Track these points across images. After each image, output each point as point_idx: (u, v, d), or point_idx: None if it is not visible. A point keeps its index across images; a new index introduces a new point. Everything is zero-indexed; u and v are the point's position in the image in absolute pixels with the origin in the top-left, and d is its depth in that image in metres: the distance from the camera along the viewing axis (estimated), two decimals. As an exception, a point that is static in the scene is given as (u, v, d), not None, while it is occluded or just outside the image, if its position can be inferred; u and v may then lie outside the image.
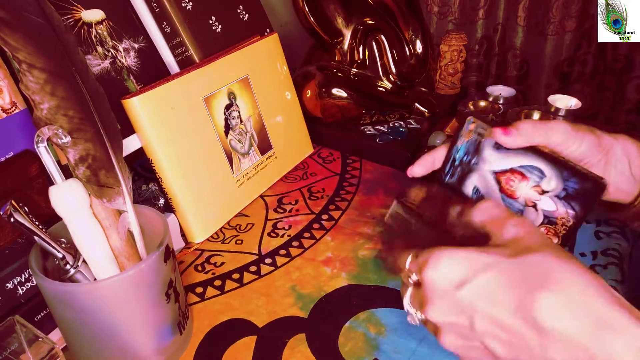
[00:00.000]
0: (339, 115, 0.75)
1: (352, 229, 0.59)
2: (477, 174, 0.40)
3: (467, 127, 0.40)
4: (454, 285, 0.30)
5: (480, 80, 1.06)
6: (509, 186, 0.39)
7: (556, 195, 0.38)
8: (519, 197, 0.39)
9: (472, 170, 0.41)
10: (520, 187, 0.39)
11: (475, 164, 0.40)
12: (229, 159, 0.61)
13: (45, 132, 0.35)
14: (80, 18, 0.50)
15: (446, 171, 0.42)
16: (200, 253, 0.56)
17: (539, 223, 0.39)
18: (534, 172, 0.38)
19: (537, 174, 0.38)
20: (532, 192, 0.39)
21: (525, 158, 0.38)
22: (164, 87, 0.53)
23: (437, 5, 1.02)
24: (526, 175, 0.38)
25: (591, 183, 0.37)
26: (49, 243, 0.36)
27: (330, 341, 0.44)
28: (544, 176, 0.38)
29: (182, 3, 0.61)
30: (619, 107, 0.91)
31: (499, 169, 0.39)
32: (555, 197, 0.38)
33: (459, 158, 0.41)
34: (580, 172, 0.37)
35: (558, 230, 0.38)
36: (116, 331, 0.37)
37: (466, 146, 0.40)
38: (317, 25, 0.74)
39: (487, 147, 0.39)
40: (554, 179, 0.38)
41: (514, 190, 0.39)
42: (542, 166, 0.38)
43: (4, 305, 0.40)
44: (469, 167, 0.41)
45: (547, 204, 0.38)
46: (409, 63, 0.76)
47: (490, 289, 0.29)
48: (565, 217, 0.38)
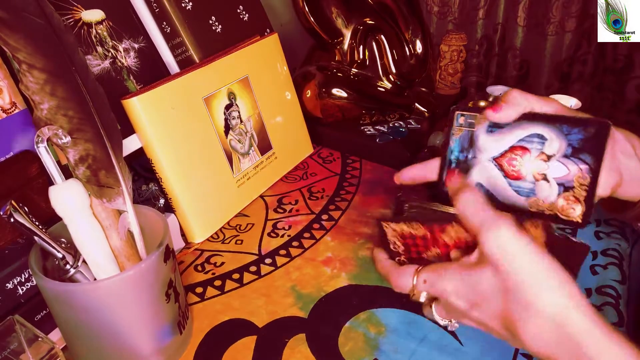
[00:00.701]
0: (339, 115, 0.75)
1: (352, 229, 0.59)
2: (477, 169, 0.39)
3: (456, 124, 0.39)
4: (466, 308, 0.34)
5: (480, 80, 1.06)
6: (513, 167, 0.37)
7: (563, 155, 0.36)
8: (526, 175, 0.37)
9: (471, 167, 0.39)
10: (525, 163, 0.37)
11: (473, 157, 0.39)
12: (229, 159, 0.61)
13: (45, 132, 0.35)
14: (80, 18, 0.50)
15: (445, 176, 0.40)
16: (200, 253, 0.56)
17: (556, 195, 0.37)
18: (533, 140, 0.36)
19: (537, 141, 0.36)
20: (537, 163, 0.37)
21: (520, 130, 0.37)
22: (164, 87, 0.53)
23: (437, 5, 1.02)
24: (527, 147, 0.37)
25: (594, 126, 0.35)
26: (49, 243, 0.36)
27: (330, 341, 0.44)
28: (544, 140, 0.36)
29: (182, 3, 0.61)
30: (619, 107, 0.91)
31: (497, 153, 0.38)
32: (563, 157, 0.36)
33: (455, 158, 0.40)
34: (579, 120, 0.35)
35: (578, 195, 0.36)
36: (116, 331, 0.37)
37: (459, 143, 0.39)
38: (317, 25, 0.74)
39: (481, 135, 0.38)
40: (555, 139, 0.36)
41: (518, 170, 0.37)
42: (540, 130, 0.36)
43: (4, 305, 0.40)
44: (466, 165, 0.39)
45: (557, 169, 0.36)
46: (409, 63, 0.76)
47: (491, 311, 0.32)
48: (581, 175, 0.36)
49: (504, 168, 0.38)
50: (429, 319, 0.37)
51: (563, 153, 0.36)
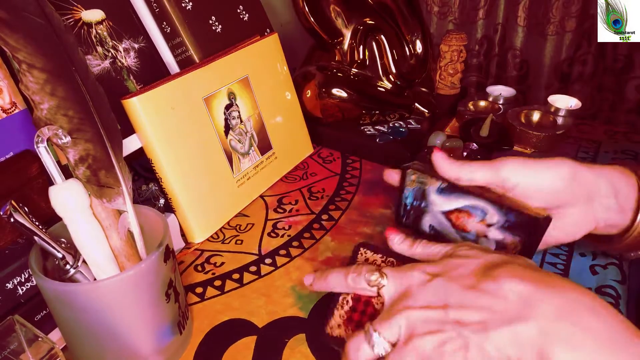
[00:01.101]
0: (339, 115, 0.75)
1: (352, 229, 0.59)
2: (430, 214, 0.45)
3: (409, 179, 0.44)
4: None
5: (480, 81, 1.06)
6: (460, 222, 0.43)
7: (501, 226, 0.42)
8: (471, 230, 0.43)
9: (425, 212, 0.45)
10: (469, 223, 0.43)
11: (425, 206, 0.45)
12: (229, 159, 0.61)
13: (45, 132, 0.35)
14: (80, 18, 0.50)
15: (401, 214, 0.46)
16: (200, 253, 0.56)
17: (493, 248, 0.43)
18: (477, 210, 0.42)
19: (481, 211, 0.42)
20: (480, 226, 0.43)
21: (465, 200, 0.42)
22: (164, 87, 0.53)
23: (437, 5, 1.02)
24: (471, 213, 0.42)
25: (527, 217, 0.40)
26: (49, 243, 0.36)
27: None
28: (486, 213, 0.42)
29: (182, 3, 0.61)
30: (619, 107, 0.91)
31: (446, 209, 0.44)
32: (501, 227, 0.42)
33: (409, 203, 0.45)
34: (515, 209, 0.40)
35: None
36: (116, 331, 0.37)
37: (413, 193, 0.45)
38: (317, 25, 0.74)
39: (432, 193, 0.44)
40: (496, 214, 0.41)
41: (464, 225, 0.43)
42: (483, 205, 0.42)
43: (4, 305, 0.40)
44: (420, 210, 0.45)
45: (496, 233, 0.42)
46: (409, 63, 0.76)
47: None
48: (513, 242, 0.42)
49: (452, 220, 0.44)
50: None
51: (501, 225, 0.42)
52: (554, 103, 0.75)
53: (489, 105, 0.81)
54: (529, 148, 0.72)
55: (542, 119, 0.75)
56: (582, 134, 0.76)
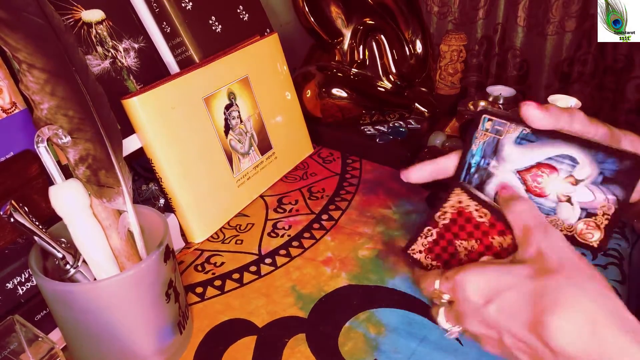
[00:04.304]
0: (339, 115, 0.75)
1: (352, 229, 0.59)
2: (498, 178, 0.37)
3: (482, 127, 0.37)
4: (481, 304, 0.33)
5: (480, 80, 1.06)
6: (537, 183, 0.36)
7: (592, 182, 0.35)
8: (549, 193, 0.36)
9: (491, 174, 0.38)
10: (550, 182, 0.36)
11: (495, 166, 0.37)
12: (229, 159, 0.61)
13: (45, 132, 0.35)
14: (80, 18, 0.50)
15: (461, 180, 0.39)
16: (200, 253, 0.56)
17: (577, 218, 0.36)
18: (564, 161, 0.35)
19: (569, 163, 0.35)
20: (564, 185, 0.35)
21: (552, 148, 0.35)
22: (164, 87, 0.53)
23: (437, 5, 1.02)
24: (556, 166, 0.35)
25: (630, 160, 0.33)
26: (49, 243, 0.36)
27: (330, 341, 0.44)
28: (576, 164, 0.35)
29: (182, 3, 0.61)
30: (619, 107, 0.91)
31: (523, 166, 0.36)
32: (592, 184, 0.35)
33: (476, 163, 0.38)
34: (616, 151, 0.34)
35: (599, 222, 0.35)
36: (116, 331, 0.37)
37: (482, 148, 0.37)
38: (317, 25, 0.74)
39: (507, 144, 0.36)
40: (588, 165, 0.34)
41: (542, 187, 0.36)
42: (573, 152, 0.34)
43: (4, 305, 0.40)
44: (487, 172, 0.38)
45: (584, 194, 0.35)
46: (409, 63, 0.76)
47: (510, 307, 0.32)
48: (606, 205, 0.35)
49: (527, 183, 0.36)
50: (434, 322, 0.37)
51: (593, 180, 0.34)
52: (554, 103, 0.75)
53: (489, 105, 0.81)
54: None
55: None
56: (582, 134, 0.76)
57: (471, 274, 0.34)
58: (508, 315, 0.32)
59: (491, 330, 0.33)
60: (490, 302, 0.32)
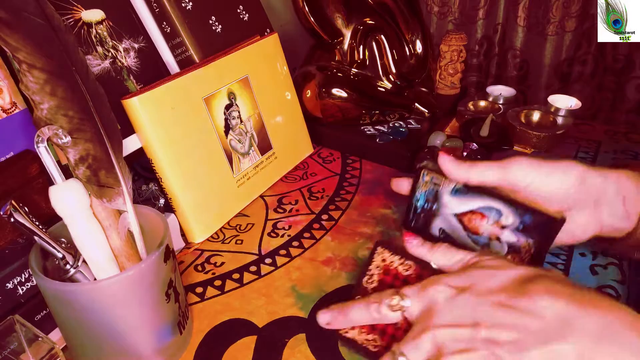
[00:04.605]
0: (339, 115, 0.75)
1: (352, 229, 0.59)
2: (441, 217, 0.43)
3: (422, 180, 0.43)
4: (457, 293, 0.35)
5: (480, 80, 1.06)
6: (472, 224, 0.42)
7: (515, 229, 0.41)
8: (483, 232, 0.42)
9: (435, 215, 0.44)
10: (482, 225, 0.42)
11: (437, 209, 0.43)
12: (229, 159, 0.61)
13: (45, 132, 0.35)
14: (80, 18, 0.50)
15: (410, 218, 0.45)
16: (200, 253, 0.56)
17: (505, 253, 0.42)
18: (491, 211, 0.41)
19: (495, 213, 0.41)
20: (493, 228, 0.42)
21: (481, 200, 0.41)
22: (164, 87, 0.53)
23: (437, 5, 1.02)
24: (485, 214, 0.41)
25: (544, 217, 0.39)
26: (49, 243, 0.36)
27: (330, 341, 0.44)
28: (501, 214, 0.41)
29: (182, 3, 0.61)
30: (619, 107, 0.91)
31: (460, 211, 0.42)
32: (515, 230, 0.41)
33: (420, 206, 0.44)
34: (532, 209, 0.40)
35: (523, 257, 0.41)
36: (116, 331, 0.37)
37: (425, 195, 0.43)
38: (317, 25, 0.74)
39: (445, 194, 0.42)
40: (511, 215, 0.40)
41: (477, 227, 0.42)
42: (499, 205, 0.41)
43: (4, 305, 0.40)
44: (430, 213, 0.44)
45: (509, 236, 0.41)
46: (409, 63, 0.76)
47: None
48: (527, 245, 0.41)
49: (464, 223, 0.43)
50: None
51: (515, 227, 0.41)
52: (554, 103, 0.75)
53: (489, 105, 0.81)
54: (528, 148, 0.72)
55: (542, 119, 0.75)
56: (582, 134, 0.76)
57: (441, 277, 0.35)
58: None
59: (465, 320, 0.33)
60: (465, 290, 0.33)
